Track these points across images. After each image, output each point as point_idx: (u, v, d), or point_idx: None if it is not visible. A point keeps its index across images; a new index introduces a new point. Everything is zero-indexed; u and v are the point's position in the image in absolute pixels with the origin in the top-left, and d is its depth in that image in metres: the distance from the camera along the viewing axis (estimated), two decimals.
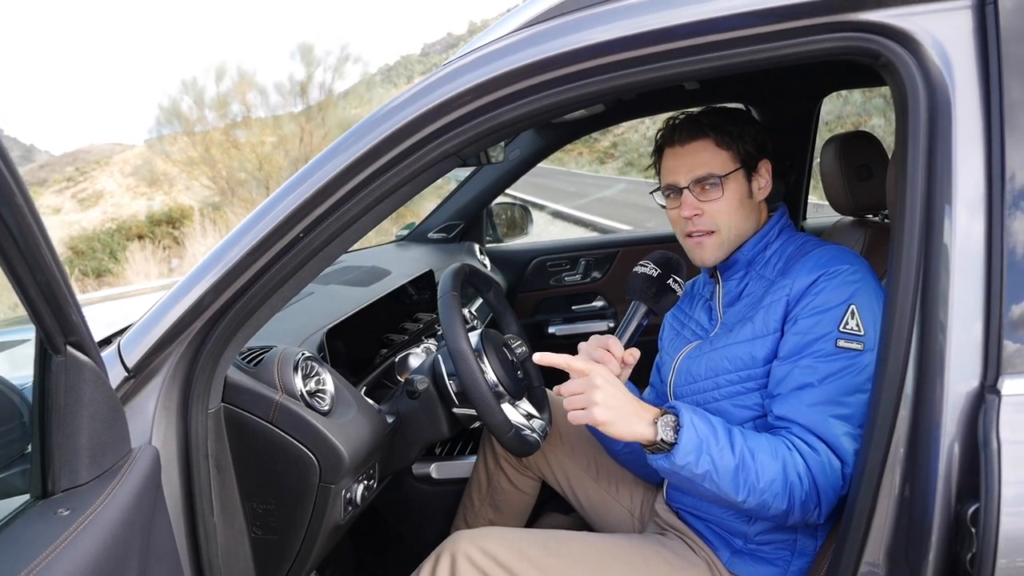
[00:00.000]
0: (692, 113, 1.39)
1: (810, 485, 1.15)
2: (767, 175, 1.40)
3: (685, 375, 1.41)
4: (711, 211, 1.35)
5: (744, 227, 1.38)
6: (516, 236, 3.04)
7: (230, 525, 1.20)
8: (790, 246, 1.37)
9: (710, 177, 1.33)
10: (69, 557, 0.73)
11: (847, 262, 1.26)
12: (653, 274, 1.32)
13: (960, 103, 0.88)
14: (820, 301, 1.23)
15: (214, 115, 15.77)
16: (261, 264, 1.08)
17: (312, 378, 1.32)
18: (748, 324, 1.32)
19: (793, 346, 1.24)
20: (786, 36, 0.91)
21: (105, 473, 0.87)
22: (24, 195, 0.67)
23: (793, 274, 1.29)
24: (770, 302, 1.30)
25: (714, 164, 1.34)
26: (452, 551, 1.32)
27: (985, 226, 0.87)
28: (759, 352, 1.29)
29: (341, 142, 1.06)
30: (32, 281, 0.72)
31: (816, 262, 1.27)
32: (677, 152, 1.37)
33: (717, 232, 1.36)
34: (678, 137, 1.37)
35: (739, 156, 1.35)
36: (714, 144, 1.34)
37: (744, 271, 1.40)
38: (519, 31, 0.99)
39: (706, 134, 1.34)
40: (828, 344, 1.20)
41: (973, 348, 0.88)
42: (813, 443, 1.17)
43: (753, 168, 1.37)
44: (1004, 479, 0.82)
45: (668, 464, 1.13)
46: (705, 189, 1.34)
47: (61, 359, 0.80)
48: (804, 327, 1.23)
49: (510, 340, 1.65)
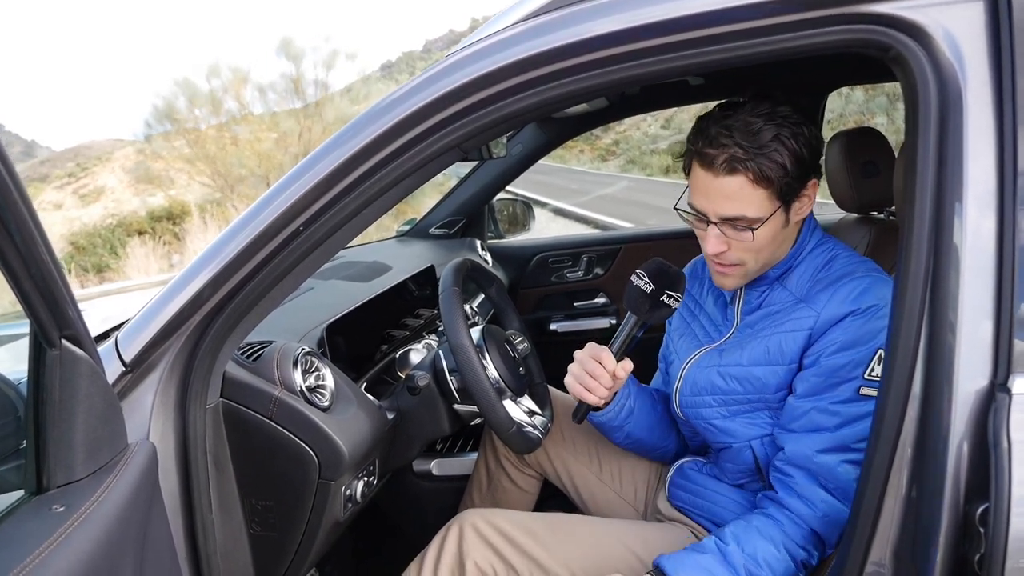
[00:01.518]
0: (733, 129, 1.15)
1: (812, 543, 1.19)
2: (812, 194, 1.24)
3: (691, 387, 1.38)
4: (738, 248, 1.23)
5: (776, 255, 1.28)
6: (518, 232, 3.02)
7: (229, 522, 1.19)
8: (818, 257, 1.29)
9: (741, 219, 1.19)
10: (63, 554, 0.72)
11: (882, 298, 1.18)
12: (647, 290, 1.28)
13: (971, 97, 0.86)
14: (847, 340, 1.18)
15: (210, 112, 15.79)
16: (260, 258, 1.06)
17: (312, 374, 1.30)
18: (762, 346, 1.27)
19: (813, 386, 1.21)
20: (794, 28, 0.90)
21: (101, 469, 0.86)
22: (19, 189, 0.66)
23: (819, 304, 1.22)
24: (790, 329, 1.24)
25: (747, 206, 1.17)
26: (460, 523, 1.36)
27: (996, 223, 0.86)
28: (771, 379, 1.26)
29: (342, 135, 1.04)
30: (27, 274, 0.71)
31: (847, 295, 1.20)
32: (708, 180, 1.19)
33: (743, 265, 1.26)
34: (710, 163, 1.17)
35: (778, 193, 1.18)
36: (750, 182, 1.16)
37: (769, 286, 1.32)
38: (522, 22, 0.98)
39: (743, 170, 1.15)
40: (850, 390, 1.17)
41: (983, 347, 0.86)
42: (813, 497, 1.19)
43: (796, 196, 1.21)
44: (1015, 479, 0.81)
45: None
46: (735, 229, 1.20)
47: (56, 353, 0.79)
48: (827, 368, 1.19)
49: (512, 336, 1.64)
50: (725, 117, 1.17)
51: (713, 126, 1.17)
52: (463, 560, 1.32)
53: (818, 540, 1.20)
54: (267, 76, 29.64)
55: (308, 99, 15.77)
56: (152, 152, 17.64)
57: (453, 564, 1.33)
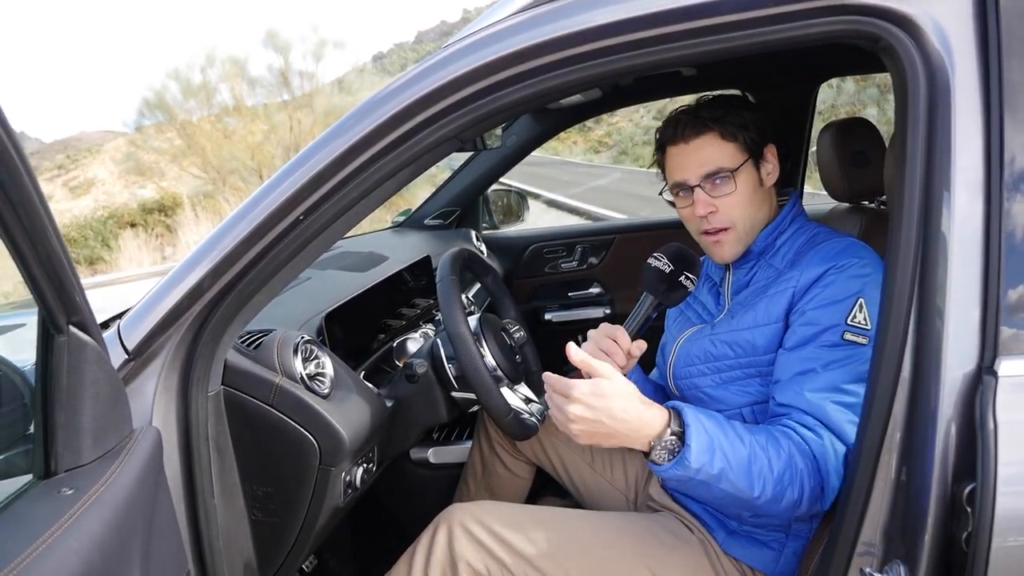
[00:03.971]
0: (691, 107, 1.35)
1: (816, 469, 1.14)
2: (774, 159, 1.37)
3: (685, 358, 1.41)
4: (725, 206, 1.33)
5: (758, 217, 1.37)
6: (512, 223, 3.03)
7: (230, 507, 1.21)
8: (801, 236, 1.37)
9: (720, 172, 1.31)
10: (75, 535, 0.73)
11: (857, 255, 1.25)
12: (666, 270, 1.29)
13: (960, 87, 0.88)
14: (829, 294, 1.22)
15: (201, 104, 15.71)
16: (261, 247, 1.08)
17: (312, 361, 1.32)
18: (751, 311, 1.32)
19: (800, 337, 1.24)
20: (786, 19, 0.91)
21: (108, 453, 0.87)
22: (31, 178, 0.67)
23: (801, 266, 1.28)
24: (775, 292, 1.30)
25: (723, 158, 1.31)
26: (449, 522, 1.34)
27: (984, 211, 0.88)
28: (759, 340, 1.30)
29: (340, 125, 1.06)
30: (36, 261, 0.72)
31: (826, 254, 1.27)
32: (683, 149, 1.34)
33: (733, 227, 1.34)
34: (681, 133, 1.33)
35: (746, 146, 1.32)
36: (719, 137, 1.31)
37: (755, 261, 1.39)
38: (518, 13, 0.99)
39: (710, 128, 1.31)
40: (835, 335, 1.20)
41: (970, 332, 0.88)
42: (815, 427, 1.16)
43: (760, 155, 1.35)
44: (1000, 459, 0.83)
45: (682, 470, 1.09)
46: (716, 184, 1.32)
47: (64, 339, 0.80)
48: (812, 318, 1.23)
49: (508, 325, 1.66)
50: (681, 109, 1.36)
51: (678, 113, 1.36)
52: (455, 560, 1.31)
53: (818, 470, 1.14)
54: (256, 68, 29.48)
55: (297, 91, 15.73)
56: (143, 143, 17.56)
57: (444, 564, 1.32)
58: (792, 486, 1.13)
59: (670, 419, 1.12)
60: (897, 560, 0.92)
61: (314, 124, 14.76)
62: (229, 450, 1.20)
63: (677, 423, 1.12)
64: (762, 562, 1.31)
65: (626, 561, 1.31)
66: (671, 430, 1.12)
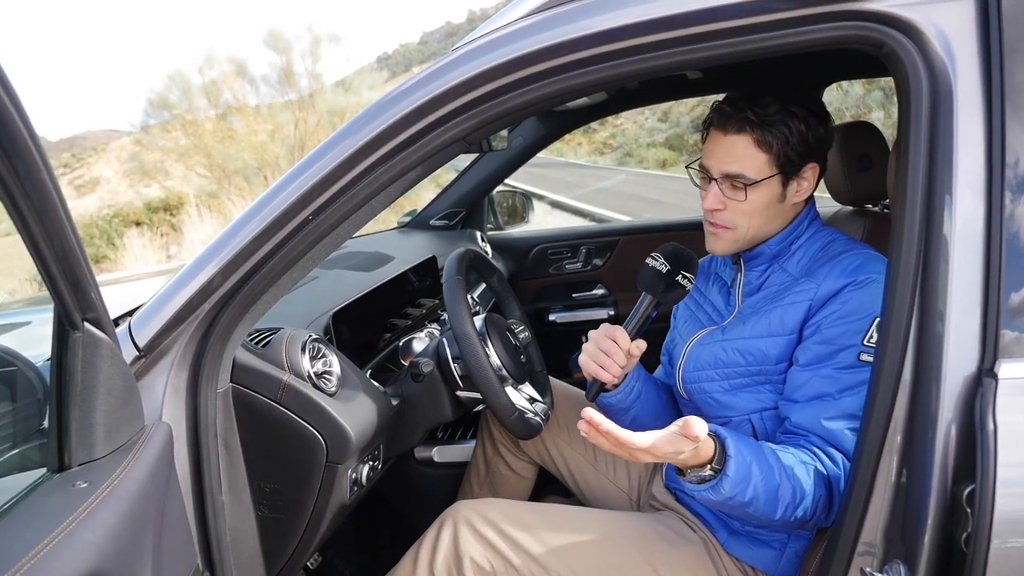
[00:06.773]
0: (749, 98, 1.28)
1: (828, 491, 1.17)
2: (812, 179, 1.33)
3: (695, 362, 1.41)
4: (733, 209, 1.31)
5: (765, 229, 1.35)
6: (517, 224, 3.05)
7: (238, 503, 1.22)
8: (816, 241, 1.35)
9: (740, 177, 1.28)
10: (90, 526, 0.75)
11: (877, 270, 1.23)
12: (663, 270, 1.31)
13: (962, 93, 0.89)
14: (846, 311, 1.22)
15: (205, 104, 15.75)
16: (270, 246, 1.09)
17: (319, 359, 1.33)
18: (764, 320, 1.31)
19: (815, 355, 1.24)
20: (791, 24, 0.93)
21: (120, 448, 0.89)
22: (51, 177, 0.68)
23: (819, 278, 1.27)
24: (791, 302, 1.29)
25: (748, 165, 1.28)
26: (454, 519, 1.35)
27: (985, 214, 0.89)
28: (772, 350, 1.30)
29: (350, 126, 1.07)
30: (53, 259, 0.74)
31: (844, 268, 1.25)
32: (719, 138, 1.30)
33: (735, 229, 1.33)
34: (723, 123, 1.30)
35: (778, 161, 1.28)
36: (754, 144, 1.27)
37: (768, 264, 1.38)
38: (528, 17, 1.00)
39: (749, 131, 1.27)
40: (851, 356, 1.20)
41: (971, 335, 0.89)
42: (832, 454, 1.19)
43: (794, 173, 1.31)
44: (1000, 460, 0.84)
45: (714, 495, 1.11)
46: (733, 187, 1.29)
47: (79, 335, 0.81)
48: (827, 336, 1.23)
49: (513, 325, 1.67)
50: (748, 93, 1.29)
51: (737, 97, 1.30)
52: (460, 556, 1.32)
53: (832, 493, 1.18)
54: (259, 68, 29.52)
55: (302, 91, 15.76)
56: (148, 142, 17.60)
57: (450, 560, 1.34)
58: (807, 508, 1.15)
59: (715, 451, 1.11)
60: (897, 560, 0.93)
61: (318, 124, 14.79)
62: (237, 447, 1.21)
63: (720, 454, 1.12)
64: (764, 562, 1.32)
65: (630, 559, 1.32)
66: (711, 467, 1.11)
